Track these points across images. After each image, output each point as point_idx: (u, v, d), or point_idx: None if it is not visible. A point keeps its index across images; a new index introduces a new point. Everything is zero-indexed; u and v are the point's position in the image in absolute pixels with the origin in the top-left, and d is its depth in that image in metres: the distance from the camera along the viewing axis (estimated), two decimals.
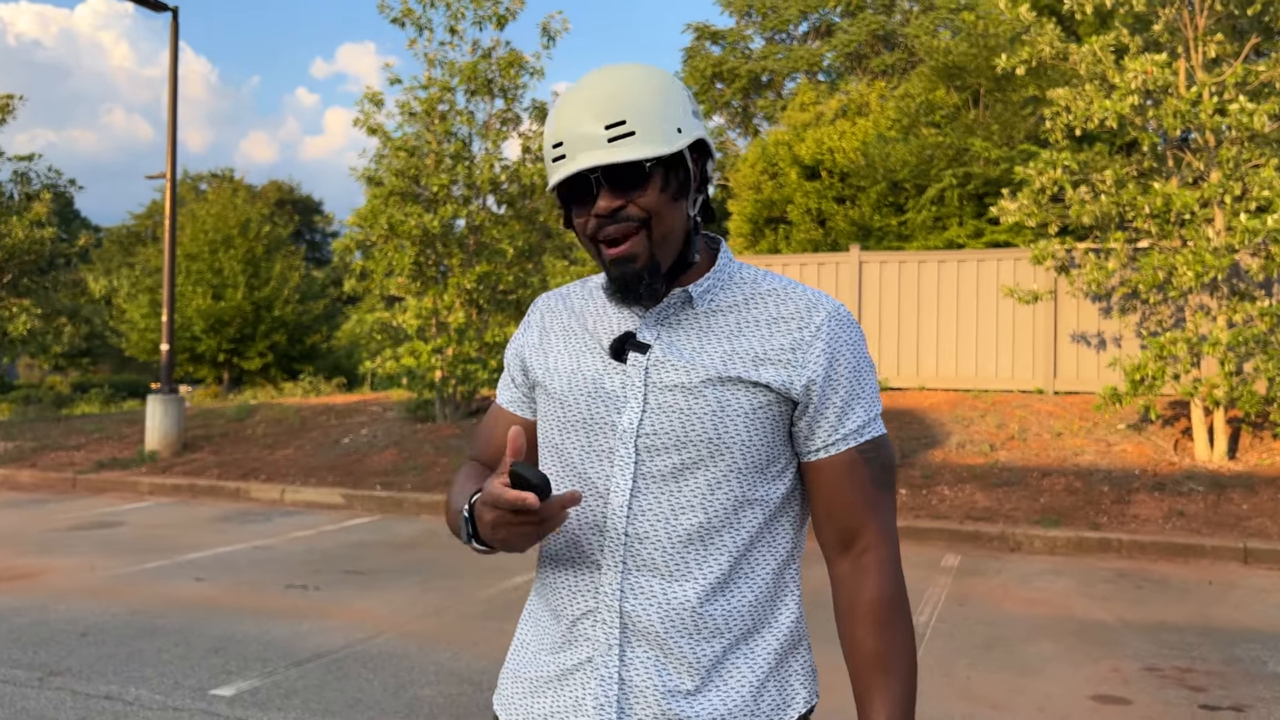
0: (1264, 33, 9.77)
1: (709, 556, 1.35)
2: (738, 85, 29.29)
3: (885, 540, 1.39)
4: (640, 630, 1.34)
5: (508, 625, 5.62)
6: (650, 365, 1.37)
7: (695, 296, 1.39)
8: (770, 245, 20.77)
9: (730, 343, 1.37)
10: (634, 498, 1.35)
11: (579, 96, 1.35)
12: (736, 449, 1.35)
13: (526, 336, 1.53)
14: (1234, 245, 9.14)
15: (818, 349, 1.36)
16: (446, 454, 11.42)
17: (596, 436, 1.38)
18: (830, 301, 1.41)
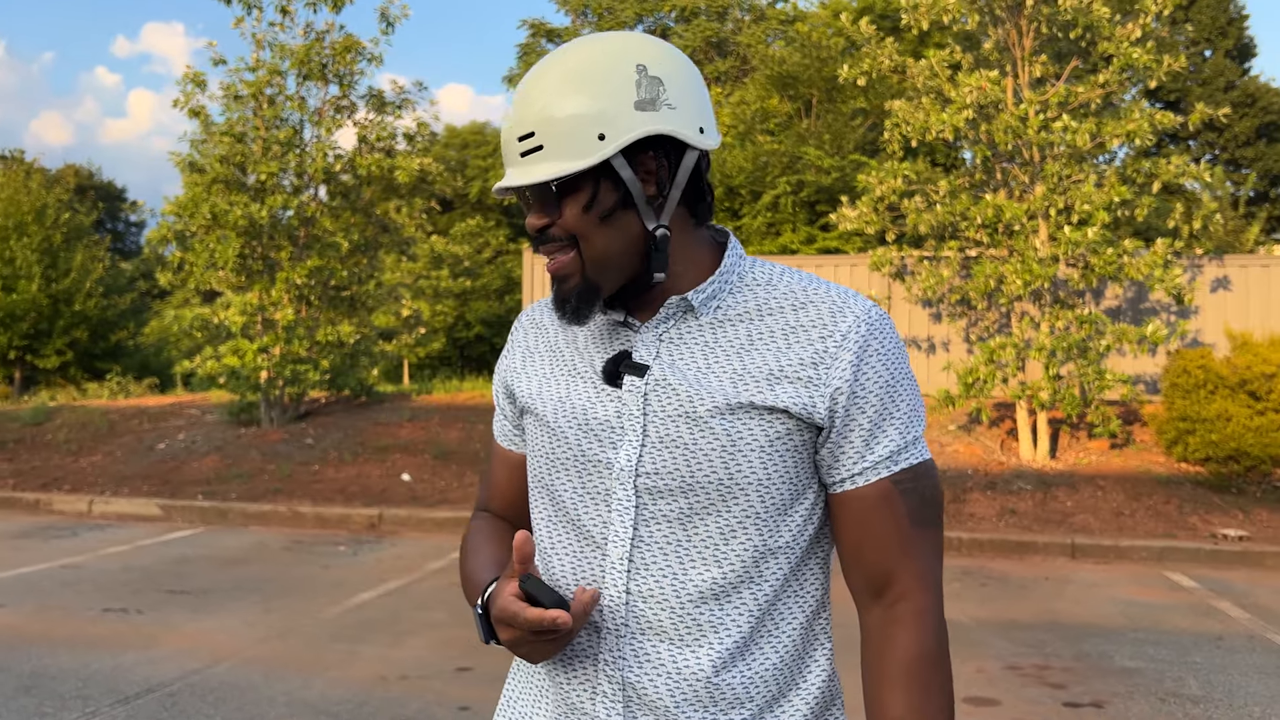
0: (1083, 56, 10.37)
1: (725, 617, 1.16)
2: None
3: (924, 588, 1.17)
4: (647, 704, 1.15)
5: (360, 648, 5.24)
6: (649, 390, 1.17)
7: (697, 305, 1.19)
8: None
9: (741, 359, 1.17)
10: (635, 549, 1.16)
11: (520, 88, 1.19)
12: (753, 490, 1.15)
13: (509, 359, 1.33)
14: (1058, 255, 9.65)
15: (844, 361, 1.15)
16: (274, 460, 10.74)
17: (590, 476, 1.19)
18: (861, 303, 1.19)
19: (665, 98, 1.15)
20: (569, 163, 1.13)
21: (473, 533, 1.37)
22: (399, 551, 7.95)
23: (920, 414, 1.20)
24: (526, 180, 1.14)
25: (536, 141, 1.14)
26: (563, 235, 1.16)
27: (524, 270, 13.13)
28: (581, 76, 1.14)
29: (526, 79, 1.18)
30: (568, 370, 1.25)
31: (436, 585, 6.75)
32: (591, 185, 1.14)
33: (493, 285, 29.24)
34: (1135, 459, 9.93)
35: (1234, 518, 8.64)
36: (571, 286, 1.18)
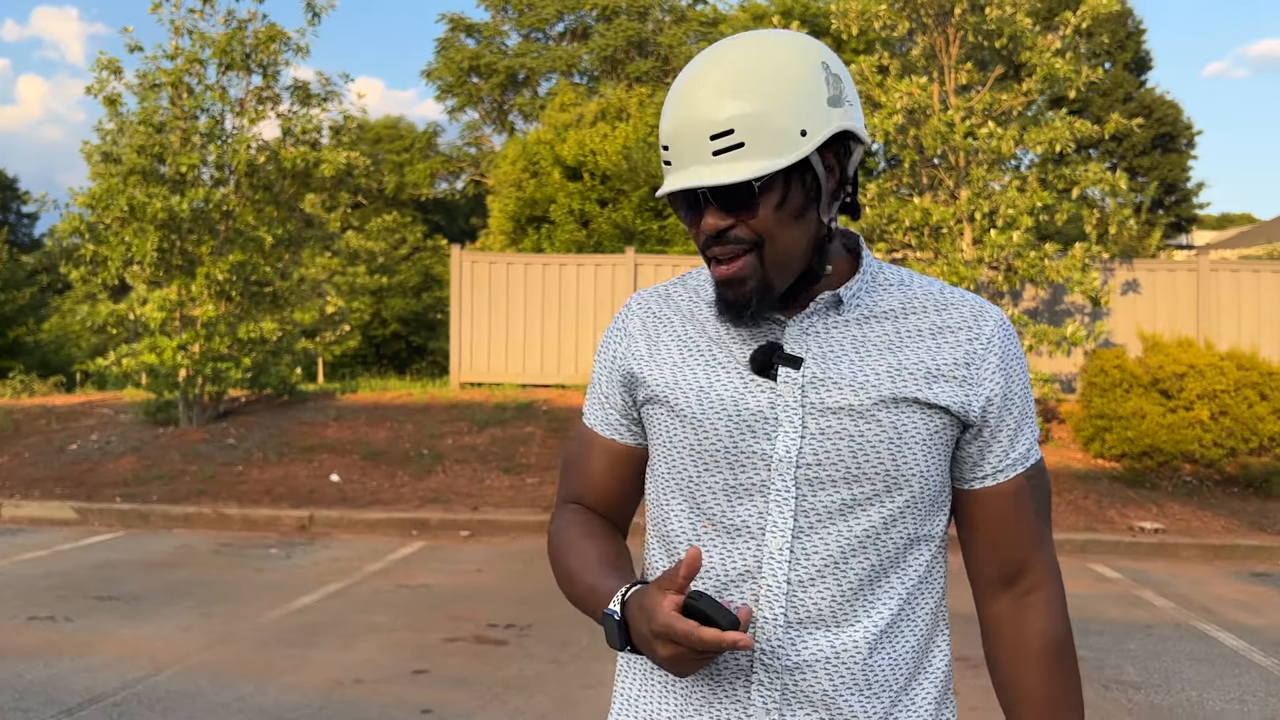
0: (1007, 64, 10.70)
1: (878, 601, 1.19)
2: (495, 80, 28.92)
3: (1052, 576, 1.26)
4: (804, 690, 1.17)
5: (309, 652, 5.12)
6: (806, 382, 1.18)
7: (846, 299, 1.22)
8: (534, 244, 20.61)
9: (894, 356, 1.20)
10: (796, 539, 1.17)
11: (691, 85, 1.15)
12: (915, 481, 1.19)
13: (629, 345, 1.30)
14: (983, 258, 9.94)
15: (992, 364, 1.21)
16: (196, 461, 10.41)
17: (743, 469, 1.19)
18: (994, 308, 1.25)
19: (845, 95, 1.18)
20: (773, 160, 1.12)
21: (566, 526, 1.33)
22: (334, 554, 7.79)
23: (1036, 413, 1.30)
24: (728, 179, 1.12)
25: (737, 139, 1.12)
26: (748, 236, 1.15)
27: (453, 269, 12.98)
28: (775, 72, 1.13)
29: (698, 71, 1.16)
30: (705, 361, 1.23)
31: (378, 588, 6.63)
32: (784, 182, 1.14)
33: (410, 282, 28.81)
34: (1054, 455, 10.27)
35: (1149, 511, 9.01)
36: (750, 290, 1.17)
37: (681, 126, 1.15)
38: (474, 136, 32.14)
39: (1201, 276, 11.81)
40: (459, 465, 10.44)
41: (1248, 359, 9.63)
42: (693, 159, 1.14)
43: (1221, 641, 5.51)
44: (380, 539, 8.49)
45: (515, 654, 5.16)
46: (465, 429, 11.31)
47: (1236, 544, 8.10)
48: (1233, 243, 33.47)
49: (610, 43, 27.87)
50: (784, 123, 1.12)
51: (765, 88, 1.12)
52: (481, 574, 7.12)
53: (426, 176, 31.71)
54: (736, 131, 1.11)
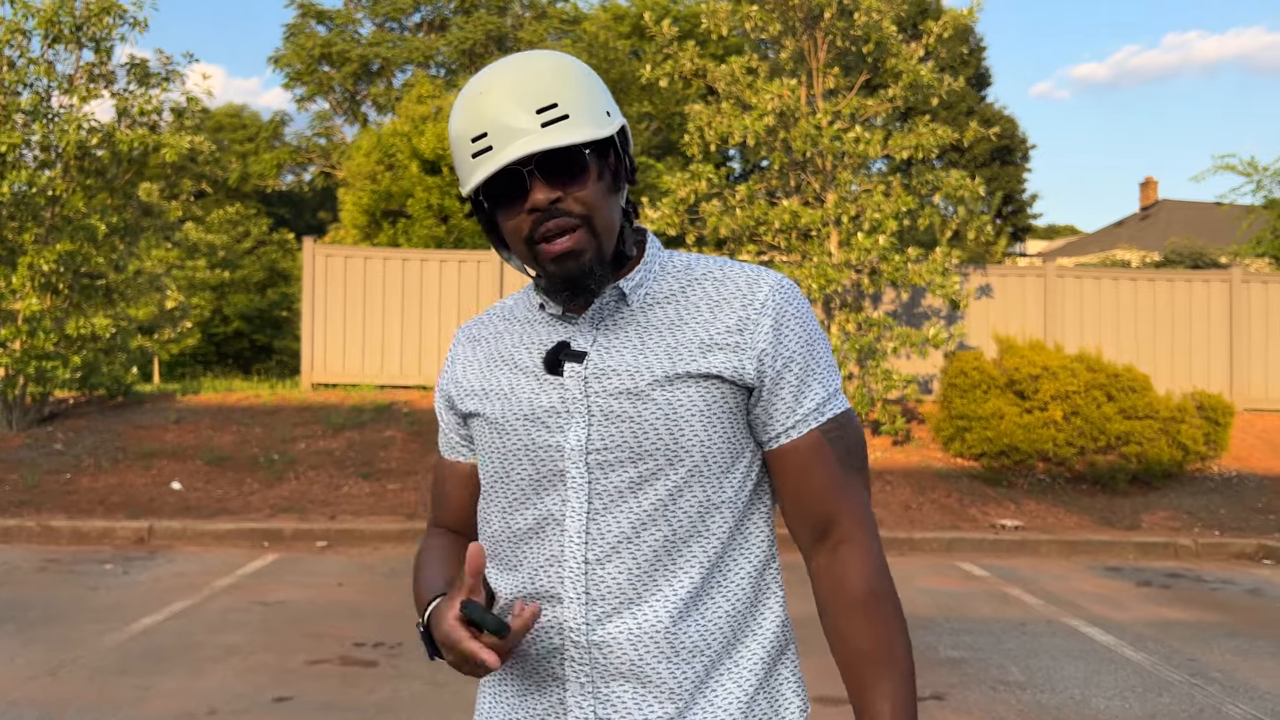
0: (873, 71, 10.87)
1: (678, 571, 1.24)
2: (348, 70, 27.90)
3: (863, 527, 1.27)
4: (613, 664, 1.23)
5: (155, 680, 4.63)
6: (590, 374, 1.26)
7: (628, 292, 1.28)
8: (390, 239, 19.90)
9: (673, 335, 1.26)
10: (591, 521, 1.24)
11: (498, 83, 1.22)
12: (696, 451, 1.24)
13: (450, 373, 1.40)
14: (851, 261, 10.05)
15: (765, 326, 1.26)
16: (17, 468, 9.50)
17: (543, 462, 1.26)
18: (771, 274, 1.30)
19: (612, 102, 1.29)
20: (595, 130, 1.20)
21: (424, 551, 1.41)
22: (178, 569, 7.18)
23: (835, 368, 1.31)
24: (560, 141, 1.17)
25: (561, 111, 1.19)
26: (578, 209, 1.21)
27: (305, 263, 12.32)
28: (575, 68, 1.24)
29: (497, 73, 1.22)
30: (509, 368, 1.31)
31: (229, 605, 6.11)
32: (598, 159, 1.22)
33: (254, 278, 27.49)
34: (916, 455, 10.50)
35: (1008, 509, 9.29)
36: (589, 259, 1.22)
37: (499, 112, 1.20)
38: (324, 127, 30.93)
39: (1049, 282, 12.33)
40: (313, 471, 9.88)
41: (1096, 361, 10.07)
42: (517, 137, 1.19)
43: (1092, 638, 5.65)
44: (229, 551, 7.91)
45: (387, 675, 4.80)
46: (319, 432, 10.72)
47: (1090, 540, 8.42)
48: (1061, 252, 35.52)
49: (469, 36, 27.29)
50: (593, 102, 1.22)
51: (574, 75, 1.23)
52: (343, 588, 6.68)
53: (273, 167, 30.33)
54: (560, 105, 1.19)
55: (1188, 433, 9.69)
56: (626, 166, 1.28)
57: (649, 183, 18.16)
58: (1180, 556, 8.33)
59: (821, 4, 10.06)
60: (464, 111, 1.22)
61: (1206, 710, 4.44)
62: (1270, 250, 16.10)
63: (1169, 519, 9.22)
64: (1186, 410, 9.84)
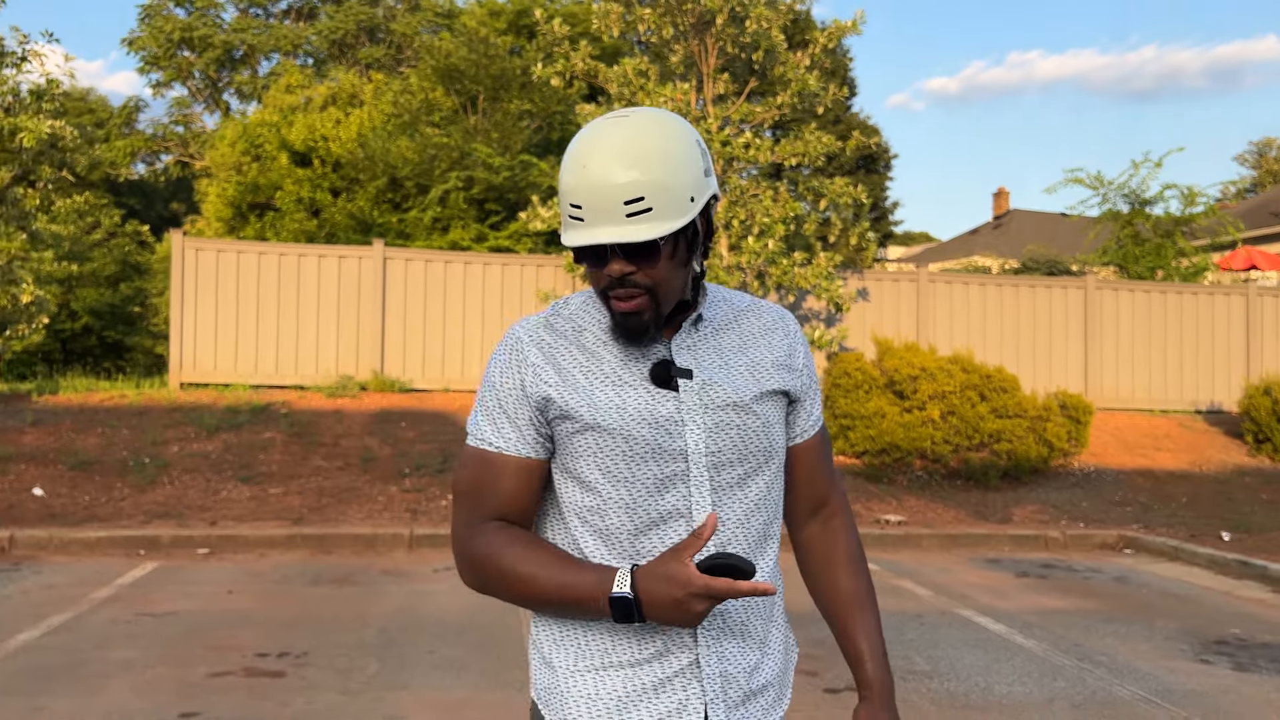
0: (761, 78, 11.10)
1: (769, 546, 1.55)
2: (210, 56, 26.73)
3: (846, 503, 1.67)
4: (730, 625, 1.50)
5: (45, 701, 4.34)
6: (700, 388, 1.48)
7: (707, 318, 1.54)
8: (257, 232, 19.17)
9: (745, 355, 1.53)
10: (715, 511, 1.46)
11: (602, 155, 1.38)
12: (779, 451, 1.55)
13: (536, 373, 1.49)
14: (741, 264, 10.24)
15: (801, 351, 1.60)
16: None
17: (667, 463, 1.45)
18: (785, 310, 1.66)
19: (708, 166, 1.47)
20: (673, 222, 1.39)
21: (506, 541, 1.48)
22: (48, 580, 6.75)
23: None
24: (643, 237, 1.37)
25: (646, 205, 1.37)
26: (646, 283, 1.42)
27: (174, 257, 11.74)
28: (674, 150, 1.39)
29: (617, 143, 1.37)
30: (611, 381, 1.48)
31: (114, 617, 5.79)
32: (674, 238, 1.42)
33: (105, 271, 26.05)
34: None
35: (890, 505, 9.64)
36: (648, 320, 1.44)
37: (595, 190, 1.37)
38: (182, 114, 29.56)
39: (921, 286, 12.84)
40: (189, 475, 9.44)
41: (969, 362, 10.54)
42: (606, 221, 1.38)
43: (985, 627, 5.92)
44: (102, 560, 7.48)
45: (297, 685, 4.64)
46: (193, 434, 10.26)
47: (968, 533, 8.81)
48: (920, 258, 37.00)
49: (340, 26, 26.56)
50: (680, 192, 1.39)
51: (663, 161, 1.38)
52: (234, 596, 6.41)
53: (126, 156, 28.81)
54: (646, 199, 1.37)
55: (1053, 430, 10.25)
56: (703, 236, 1.47)
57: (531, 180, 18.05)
58: (1050, 548, 8.81)
59: (713, 10, 10.21)
60: (570, 172, 1.40)
61: (1099, 692, 4.72)
62: (1115, 259, 17.18)
63: (1037, 512, 9.74)
64: (1051, 409, 10.41)
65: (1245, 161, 49.12)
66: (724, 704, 1.47)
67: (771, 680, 1.55)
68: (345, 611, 6.03)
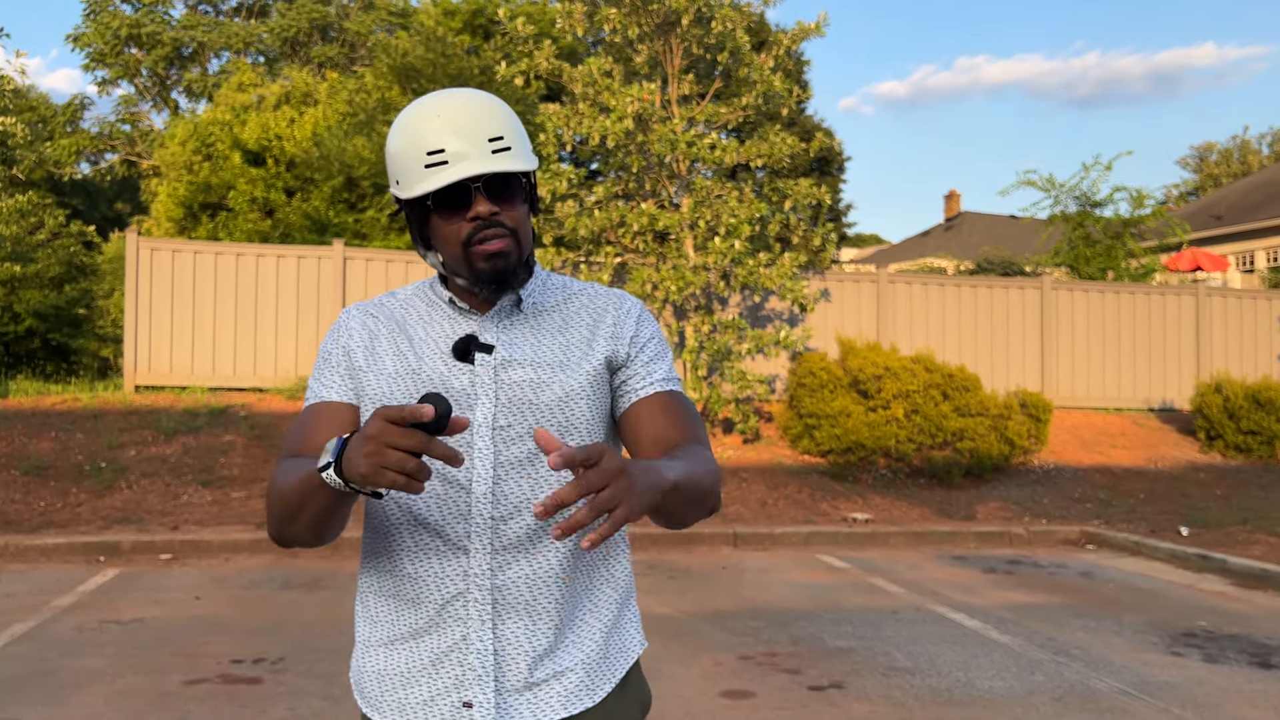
0: (725, 78, 11.13)
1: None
2: (158, 54, 26.22)
3: (706, 446, 1.54)
4: (511, 603, 1.47)
5: (14, 710, 4.21)
6: (498, 363, 1.50)
7: (524, 297, 1.57)
8: (209, 233, 18.83)
9: (563, 334, 1.56)
10: (496, 485, 1.47)
11: (451, 109, 1.46)
12: (583, 426, 1.52)
13: (351, 339, 1.57)
14: (708, 265, 10.26)
15: (631, 321, 1.60)
16: None
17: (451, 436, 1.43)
18: (628, 294, 1.69)
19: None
20: (528, 163, 1.50)
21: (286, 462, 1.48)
22: (6, 589, 6.57)
23: (671, 360, 1.65)
24: (508, 168, 1.45)
25: (506, 143, 1.47)
26: (509, 224, 1.48)
27: (128, 258, 11.50)
28: (509, 112, 1.52)
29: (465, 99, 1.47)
30: (415, 353, 1.53)
31: (79, 625, 5.64)
32: (524, 187, 1.52)
33: (49, 272, 25.41)
34: (767, 453, 10.82)
35: (856, 503, 9.71)
36: (514, 260, 1.49)
37: (460, 131, 1.44)
38: (129, 113, 28.95)
39: (881, 287, 12.96)
40: (147, 480, 9.25)
41: (931, 361, 10.66)
42: (469, 157, 1.44)
43: (960, 623, 5.98)
44: (61, 568, 7.29)
45: (277, 693, 4.56)
46: (150, 438, 10.04)
47: (934, 530, 8.91)
48: (873, 259, 37.38)
49: (292, 24, 26.18)
50: (525, 140, 1.53)
51: (507, 118, 1.50)
52: (202, 603, 6.28)
53: (71, 154, 28.17)
54: (505, 138, 1.47)
55: (1014, 428, 10.40)
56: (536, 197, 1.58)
57: None
58: (1015, 544, 8.94)
59: (679, 10, 10.23)
60: (418, 128, 1.45)
61: (1077, 686, 4.79)
62: (1067, 260, 17.49)
63: (1000, 509, 9.88)
64: (1012, 408, 10.57)
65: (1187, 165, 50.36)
66: (495, 687, 1.44)
67: (573, 666, 1.49)
68: (318, 616, 5.94)
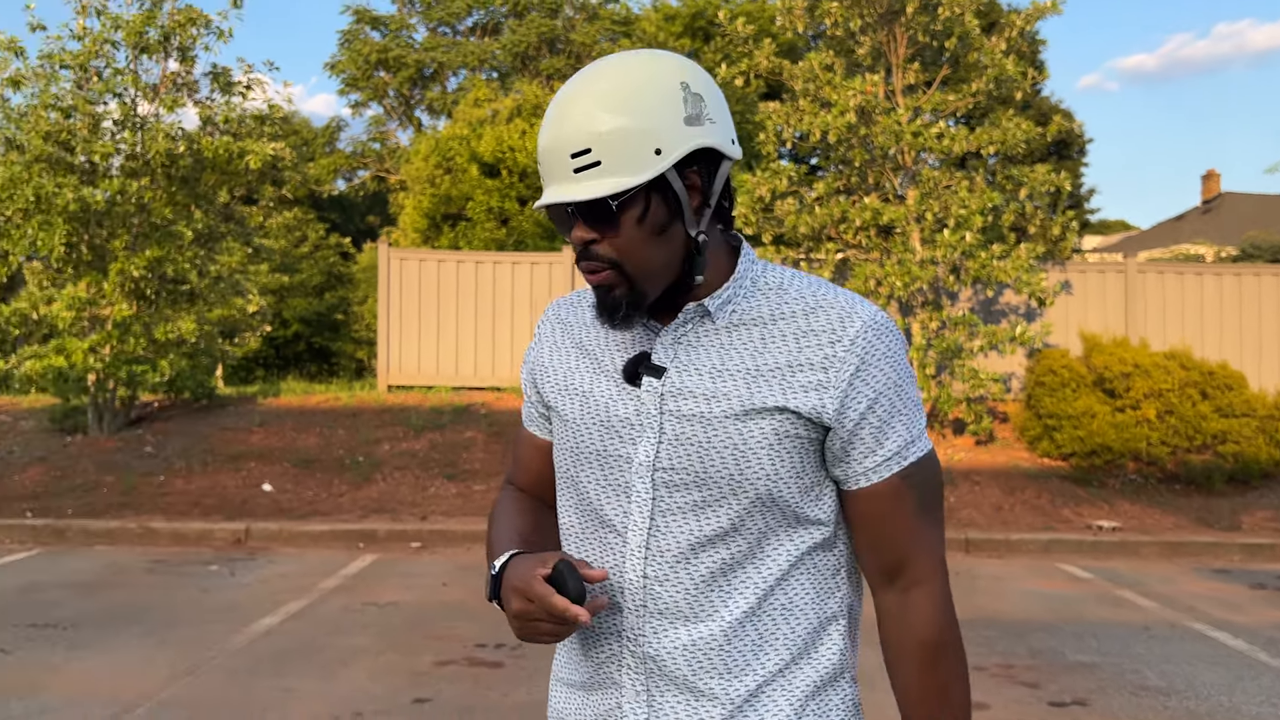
0: (953, 65, 10.74)
1: (733, 593, 1.25)
2: (403, 75, 28.14)
3: (934, 573, 1.26)
4: (667, 674, 1.25)
5: (291, 683, 4.68)
6: (666, 391, 1.25)
7: (713, 310, 1.26)
8: (450, 242, 20.04)
9: (755, 360, 1.24)
10: (651, 536, 1.25)
11: (558, 105, 1.22)
12: (761, 484, 1.23)
13: (538, 351, 1.41)
14: (936, 259, 9.94)
15: (850, 365, 1.22)
16: (112, 471, 9.67)
17: (611, 470, 1.28)
18: (867, 308, 1.26)
19: (706, 113, 1.21)
20: (628, 178, 1.17)
21: (500, 501, 1.47)
22: (281, 570, 7.26)
23: (921, 408, 1.28)
24: (585, 195, 1.17)
25: (593, 157, 1.17)
26: (608, 254, 1.20)
27: (380, 267, 12.44)
28: (633, 94, 1.18)
29: (568, 94, 1.20)
30: (593, 368, 1.32)
31: (343, 606, 6.17)
32: (644, 199, 1.19)
33: (312, 281, 27.78)
34: (1001, 455, 10.35)
35: (1102, 510, 9.13)
36: (619, 295, 1.22)
37: (547, 145, 1.21)
38: (378, 132, 31.24)
39: (1129, 278, 12.10)
40: (399, 473, 9.96)
41: (1187, 358, 9.87)
42: (557, 178, 1.20)
43: (1222, 642, 5.52)
44: (326, 553, 7.99)
45: (516, 676, 4.81)
46: (401, 434, 10.81)
47: (1191, 541, 8.24)
48: (1119, 247, 34.90)
49: (522, 39, 27.41)
50: (639, 142, 1.17)
51: (623, 109, 1.17)
52: (449, 589, 6.72)
53: (329, 173, 30.69)
54: (593, 151, 1.17)
55: None
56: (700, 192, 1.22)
57: None
58: None
59: None
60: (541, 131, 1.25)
61: None
62: None
63: (1270, 519, 9.01)
64: None
65: None
66: None
67: None
68: None
